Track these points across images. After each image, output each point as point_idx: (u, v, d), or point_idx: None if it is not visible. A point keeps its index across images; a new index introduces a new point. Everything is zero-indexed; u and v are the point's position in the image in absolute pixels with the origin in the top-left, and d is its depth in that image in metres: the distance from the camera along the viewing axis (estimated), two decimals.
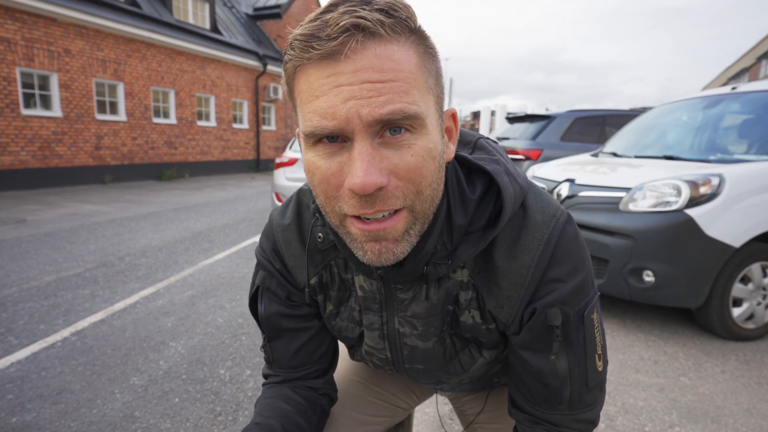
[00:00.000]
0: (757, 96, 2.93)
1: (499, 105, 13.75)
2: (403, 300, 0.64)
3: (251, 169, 14.49)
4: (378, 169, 0.45)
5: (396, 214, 0.49)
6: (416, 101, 0.46)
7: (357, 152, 0.45)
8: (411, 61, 0.46)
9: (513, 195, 0.57)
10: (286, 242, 0.69)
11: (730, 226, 2.31)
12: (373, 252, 0.51)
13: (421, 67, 0.47)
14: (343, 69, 0.43)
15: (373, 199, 0.47)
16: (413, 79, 0.46)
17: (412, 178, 0.48)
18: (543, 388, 0.61)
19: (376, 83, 0.44)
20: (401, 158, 0.47)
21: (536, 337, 0.59)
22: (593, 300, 0.60)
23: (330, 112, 0.44)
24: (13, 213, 5.92)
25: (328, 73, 0.44)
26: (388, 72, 0.44)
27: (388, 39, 0.45)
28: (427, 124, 0.48)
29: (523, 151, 5.18)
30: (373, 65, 0.44)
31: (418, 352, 0.69)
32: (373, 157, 0.45)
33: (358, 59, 0.43)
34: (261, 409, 0.71)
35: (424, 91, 0.47)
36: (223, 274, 3.66)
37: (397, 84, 0.44)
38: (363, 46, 0.43)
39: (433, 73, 0.49)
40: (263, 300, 0.72)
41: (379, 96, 0.44)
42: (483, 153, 0.63)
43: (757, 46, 23.06)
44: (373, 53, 0.44)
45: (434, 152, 0.49)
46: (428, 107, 0.48)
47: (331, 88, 0.44)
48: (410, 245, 0.52)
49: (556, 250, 0.57)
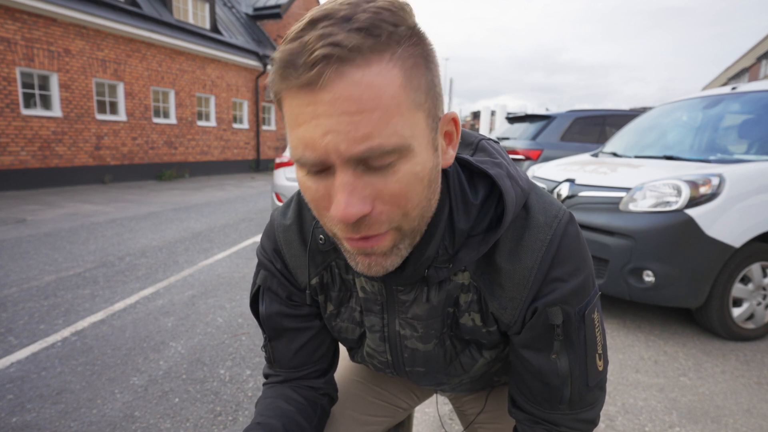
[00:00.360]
0: (757, 96, 2.93)
1: (499, 105, 13.76)
2: (405, 302, 0.64)
3: (251, 169, 14.49)
4: (360, 198, 0.45)
5: (384, 234, 0.50)
6: (398, 131, 0.43)
7: (338, 183, 0.45)
8: (394, 83, 0.43)
9: (515, 199, 0.57)
10: (288, 242, 0.69)
11: (730, 226, 2.31)
12: (363, 264, 0.52)
13: (407, 85, 0.44)
14: (321, 98, 0.42)
15: (358, 225, 0.47)
16: (396, 104, 0.43)
17: (398, 202, 0.47)
18: (543, 388, 0.61)
19: (354, 115, 0.42)
20: (385, 184, 0.46)
21: (537, 336, 0.59)
22: (594, 299, 0.60)
23: (311, 144, 0.44)
24: (13, 213, 5.92)
25: (307, 102, 0.43)
26: (367, 101, 0.42)
27: (367, 62, 0.41)
28: (414, 147, 0.46)
29: (523, 151, 5.18)
30: (351, 95, 0.41)
31: (418, 355, 0.69)
32: (354, 187, 0.45)
33: (335, 88, 0.41)
34: (262, 408, 0.72)
35: (409, 112, 0.45)
36: (223, 274, 3.66)
37: (377, 114, 0.42)
38: (340, 74, 0.41)
39: (422, 86, 0.46)
40: (264, 300, 0.72)
41: (357, 131, 0.42)
42: (485, 155, 0.63)
43: (757, 46, 23.07)
44: (351, 81, 0.41)
45: (422, 173, 0.47)
46: (415, 128, 0.45)
47: (311, 119, 0.43)
48: (400, 258, 0.53)
49: (559, 250, 0.57)
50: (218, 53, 12.26)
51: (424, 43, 0.47)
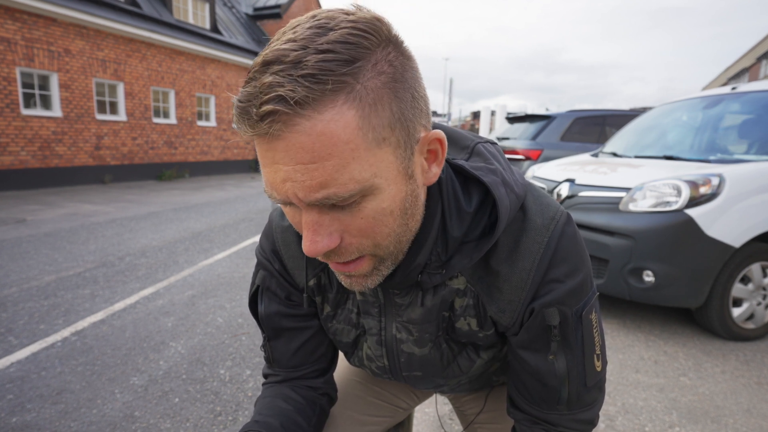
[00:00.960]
0: (757, 96, 2.93)
1: (499, 105, 13.75)
2: (401, 305, 0.64)
3: (251, 169, 14.50)
4: (327, 234, 0.46)
5: (359, 259, 0.51)
6: (354, 176, 0.42)
7: (304, 221, 0.46)
8: (348, 128, 0.41)
9: (509, 207, 0.57)
10: (285, 243, 0.69)
11: (730, 226, 2.31)
12: (345, 282, 0.55)
13: (364, 126, 0.42)
14: (276, 146, 0.42)
15: (328, 255, 0.49)
16: (351, 149, 0.41)
17: (366, 235, 0.48)
18: (541, 388, 0.61)
19: (308, 164, 0.41)
20: (352, 220, 0.46)
21: (534, 336, 0.59)
22: (592, 300, 0.60)
23: (274, 186, 0.45)
24: (13, 213, 5.92)
25: (265, 147, 0.43)
26: (320, 150, 0.41)
27: (317, 111, 0.40)
28: (378, 185, 0.45)
29: (523, 151, 5.19)
30: (303, 145, 0.40)
31: (414, 359, 0.69)
32: (320, 225, 0.46)
33: (288, 137, 0.41)
34: (260, 407, 0.72)
35: (369, 153, 0.43)
36: (223, 274, 3.66)
37: (331, 163, 0.41)
38: (290, 125, 0.40)
39: (386, 120, 0.43)
40: (263, 299, 0.72)
41: (312, 180, 0.42)
42: (480, 159, 0.62)
43: (757, 46, 23.07)
44: (302, 131, 0.40)
45: (391, 206, 0.47)
46: (378, 166, 0.44)
47: (271, 163, 0.43)
48: (382, 276, 0.54)
49: (556, 251, 0.57)
50: (218, 53, 12.26)
51: (394, 66, 0.44)
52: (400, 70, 0.45)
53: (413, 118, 0.46)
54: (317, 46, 0.40)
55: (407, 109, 0.45)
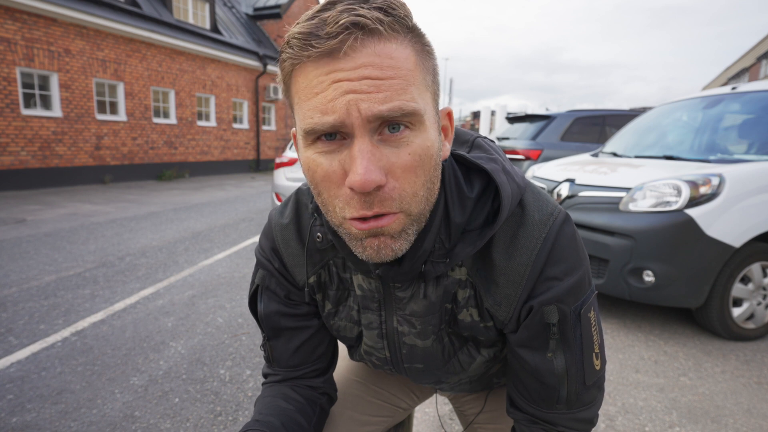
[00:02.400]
0: (757, 96, 2.93)
1: (500, 105, 13.73)
2: (402, 298, 0.64)
3: (251, 169, 14.49)
4: (378, 167, 0.46)
5: (392, 215, 0.50)
6: (415, 98, 0.46)
7: (357, 149, 0.46)
8: (409, 59, 0.46)
9: (511, 193, 0.57)
10: (285, 241, 0.69)
11: (730, 226, 2.31)
12: (372, 248, 0.51)
13: (419, 65, 0.48)
14: (342, 66, 0.44)
15: (372, 199, 0.47)
16: (412, 76, 0.46)
17: (409, 177, 0.48)
18: (540, 387, 0.61)
19: (375, 80, 0.44)
20: (399, 156, 0.47)
21: (533, 334, 0.59)
22: (590, 298, 0.60)
23: (330, 106, 0.45)
24: (13, 213, 5.92)
25: (327, 70, 0.44)
26: (387, 69, 0.45)
27: (387, 37, 0.45)
28: (425, 121, 0.48)
29: (523, 151, 5.18)
30: (373, 62, 0.44)
31: (417, 351, 0.69)
32: (373, 155, 0.46)
33: (357, 56, 0.44)
34: (260, 407, 0.72)
35: (422, 89, 0.48)
36: (223, 274, 3.66)
37: (396, 81, 0.45)
38: (362, 44, 0.44)
39: (430, 71, 0.50)
40: (263, 299, 0.72)
41: (379, 92, 0.44)
42: (480, 152, 0.63)
43: (758, 46, 23.07)
44: (373, 51, 0.44)
45: (431, 150, 0.49)
46: (426, 105, 0.48)
47: (331, 84, 0.44)
48: (408, 243, 0.53)
49: (554, 248, 0.57)
50: (218, 53, 12.26)
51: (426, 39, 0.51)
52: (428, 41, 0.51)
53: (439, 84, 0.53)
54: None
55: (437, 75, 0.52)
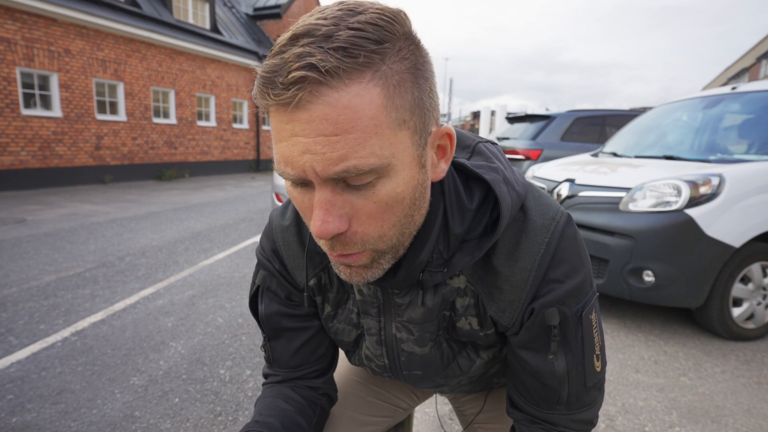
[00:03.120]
0: (757, 96, 2.93)
1: (500, 105, 13.73)
2: (400, 305, 0.64)
3: (251, 169, 14.49)
4: (337, 216, 0.46)
5: (359, 253, 0.50)
6: (375, 151, 0.43)
7: (316, 199, 0.46)
8: (373, 104, 0.42)
9: (510, 205, 0.57)
10: (286, 243, 0.69)
11: (730, 226, 2.31)
12: (345, 274, 0.54)
13: (388, 105, 0.43)
14: (298, 117, 0.42)
15: (333, 243, 0.48)
16: (374, 125, 0.42)
17: (374, 223, 0.47)
18: (541, 388, 0.61)
19: (330, 136, 0.41)
20: (364, 203, 0.46)
21: (534, 336, 0.59)
22: (592, 300, 0.60)
23: (290, 161, 0.44)
24: (13, 213, 5.92)
25: (286, 119, 0.43)
26: (344, 123, 0.41)
27: (344, 84, 0.41)
28: (395, 165, 0.45)
29: (523, 151, 5.18)
30: (327, 116, 0.41)
31: (415, 358, 0.68)
32: (332, 205, 0.45)
33: (312, 108, 0.41)
34: (261, 408, 0.72)
35: (390, 132, 0.43)
36: (223, 274, 3.66)
37: (354, 136, 0.42)
38: (317, 96, 0.41)
39: (407, 104, 0.45)
40: (263, 299, 0.72)
41: (333, 152, 0.42)
42: (481, 158, 0.62)
43: (758, 46, 23.07)
44: (327, 102, 0.41)
45: (403, 193, 0.47)
46: (396, 147, 0.44)
47: (290, 137, 0.43)
48: (382, 270, 0.53)
49: (556, 252, 0.57)
50: (218, 53, 12.26)
51: (415, 55, 0.46)
52: (420, 61, 0.46)
53: (429, 108, 0.48)
54: (348, 24, 0.41)
55: (425, 99, 0.47)
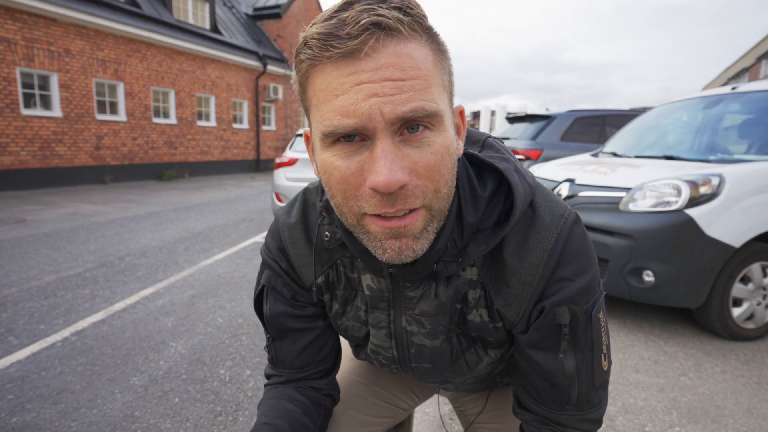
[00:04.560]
0: (757, 96, 2.93)
1: (500, 105, 13.74)
2: (412, 298, 0.64)
3: (251, 169, 14.49)
4: (401, 167, 0.46)
5: (415, 212, 0.49)
6: (435, 99, 0.46)
7: (380, 150, 0.45)
8: (428, 59, 0.47)
9: (523, 193, 0.57)
10: (293, 241, 0.69)
11: (730, 226, 2.31)
12: (393, 249, 0.51)
13: (437, 65, 0.48)
14: (364, 67, 0.44)
15: (394, 198, 0.47)
16: (431, 76, 0.46)
17: (432, 176, 0.48)
18: (550, 388, 0.61)
19: (397, 81, 0.44)
20: (421, 156, 0.47)
21: (544, 335, 0.59)
22: (600, 299, 0.60)
23: (351, 109, 0.44)
24: (13, 213, 5.92)
25: (348, 71, 0.44)
26: (409, 70, 0.45)
27: (406, 37, 0.45)
28: (444, 121, 0.48)
29: (523, 151, 5.18)
30: (394, 63, 0.44)
31: (425, 351, 0.68)
32: (396, 155, 0.46)
33: (378, 57, 0.44)
34: (266, 409, 0.71)
35: (440, 89, 0.48)
36: (223, 274, 3.66)
37: (417, 82, 0.45)
38: (383, 44, 0.44)
39: (446, 71, 0.50)
40: (268, 299, 0.72)
41: (401, 93, 0.44)
42: (492, 151, 0.63)
43: (758, 46, 23.08)
44: (394, 51, 0.44)
45: (451, 149, 0.50)
46: (445, 105, 0.49)
47: (352, 86, 0.44)
48: (429, 242, 0.53)
49: (565, 249, 0.58)
50: (218, 53, 12.26)
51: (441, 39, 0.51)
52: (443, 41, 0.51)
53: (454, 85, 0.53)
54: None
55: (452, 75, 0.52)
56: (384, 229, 0.50)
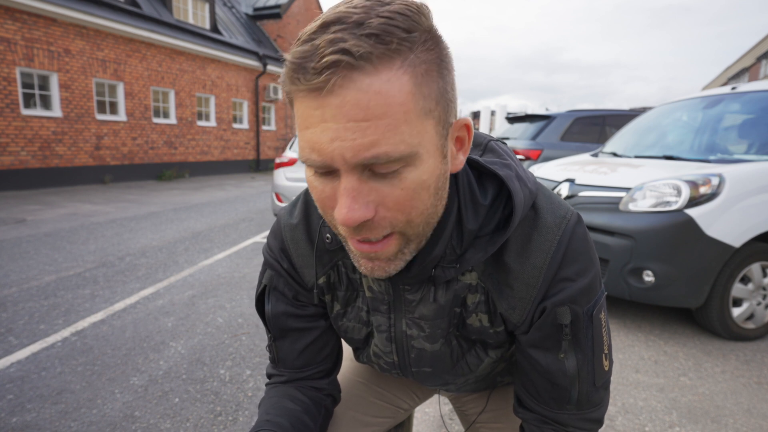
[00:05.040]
0: (757, 96, 2.93)
1: (500, 105, 13.74)
2: (411, 301, 0.64)
3: (251, 169, 14.49)
4: (364, 204, 0.45)
5: (387, 238, 0.50)
6: (405, 139, 0.43)
7: (343, 187, 0.45)
8: (402, 91, 0.42)
9: (523, 200, 0.57)
10: (294, 241, 0.69)
11: (730, 226, 2.31)
12: (366, 268, 0.53)
13: (416, 93, 0.43)
14: (329, 102, 0.42)
15: (360, 228, 0.48)
16: (404, 111, 0.43)
17: (402, 209, 0.47)
18: (551, 387, 0.62)
19: (360, 122, 0.41)
20: (390, 190, 0.46)
21: (545, 335, 0.60)
22: (601, 299, 0.60)
23: (317, 147, 0.44)
24: (13, 213, 5.92)
25: (315, 105, 0.43)
26: (375, 108, 0.41)
27: (376, 70, 0.41)
28: (421, 154, 0.45)
29: (523, 151, 5.19)
30: (359, 102, 0.41)
31: (425, 355, 0.69)
32: (358, 192, 0.45)
33: (343, 94, 0.41)
34: (267, 407, 0.71)
35: (418, 120, 0.44)
36: (223, 274, 3.66)
37: (384, 122, 0.42)
38: (348, 81, 0.41)
39: (433, 93, 0.45)
40: (270, 299, 0.72)
41: (364, 138, 0.42)
42: (494, 156, 0.63)
43: (758, 46, 23.08)
44: (359, 88, 0.41)
45: (428, 181, 0.47)
46: (423, 136, 0.45)
47: (319, 122, 0.43)
48: (404, 262, 0.53)
49: (567, 250, 0.58)
50: (218, 53, 12.26)
51: (439, 48, 0.46)
52: (444, 54, 0.47)
53: (451, 100, 0.49)
54: (378, 12, 0.42)
55: (449, 90, 0.48)
56: (357, 250, 0.51)
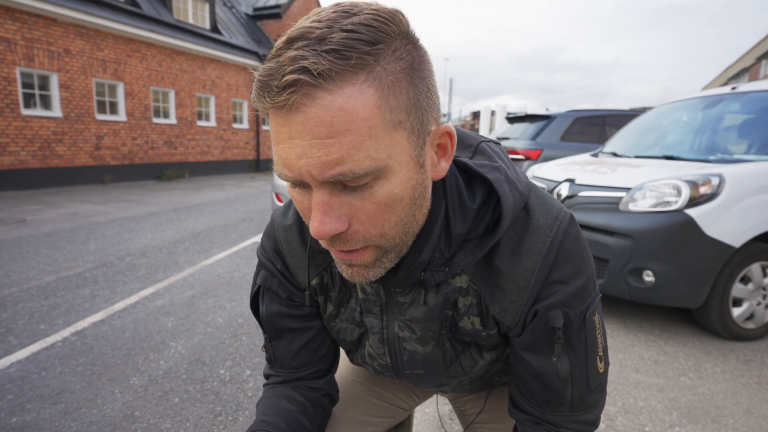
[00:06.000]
0: (757, 96, 2.93)
1: (500, 105, 13.72)
2: (402, 303, 0.64)
3: (251, 169, 14.50)
4: (336, 217, 0.46)
5: (363, 249, 0.50)
6: (371, 154, 0.43)
7: (314, 201, 0.46)
8: (367, 105, 0.42)
9: (512, 204, 0.57)
10: (288, 242, 0.69)
11: (730, 226, 2.31)
12: (347, 273, 0.54)
13: (382, 106, 0.43)
14: (294, 119, 0.42)
15: (333, 240, 0.48)
16: (369, 126, 0.42)
17: (374, 222, 0.47)
18: (544, 389, 0.61)
19: (325, 139, 0.41)
20: (362, 204, 0.46)
21: (538, 338, 0.59)
22: (595, 301, 0.60)
23: (287, 164, 0.44)
24: (13, 213, 5.92)
25: (282, 122, 0.43)
26: (338, 125, 0.41)
27: (337, 86, 0.41)
28: (392, 167, 0.45)
29: (523, 151, 5.18)
30: (322, 119, 0.41)
31: (417, 357, 0.68)
32: (329, 206, 0.45)
33: (306, 111, 0.41)
34: (264, 408, 0.72)
35: (386, 133, 0.43)
36: (223, 274, 3.66)
37: (348, 138, 0.41)
38: (310, 98, 0.41)
39: (402, 104, 0.44)
40: (264, 300, 0.72)
41: (328, 155, 0.42)
42: (484, 158, 0.62)
43: (758, 46, 23.08)
44: (321, 105, 0.41)
45: (402, 193, 0.47)
46: (393, 148, 0.44)
47: (286, 139, 0.43)
48: (384, 269, 0.53)
49: (560, 252, 0.57)
50: (218, 53, 12.26)
51: (412, 55, 0.45)
52: (417, 61, 0.46)
53: (427, 108, 0.47)
54: (342, 26, 0.41)
55: (422, 99, 0.47)
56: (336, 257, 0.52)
